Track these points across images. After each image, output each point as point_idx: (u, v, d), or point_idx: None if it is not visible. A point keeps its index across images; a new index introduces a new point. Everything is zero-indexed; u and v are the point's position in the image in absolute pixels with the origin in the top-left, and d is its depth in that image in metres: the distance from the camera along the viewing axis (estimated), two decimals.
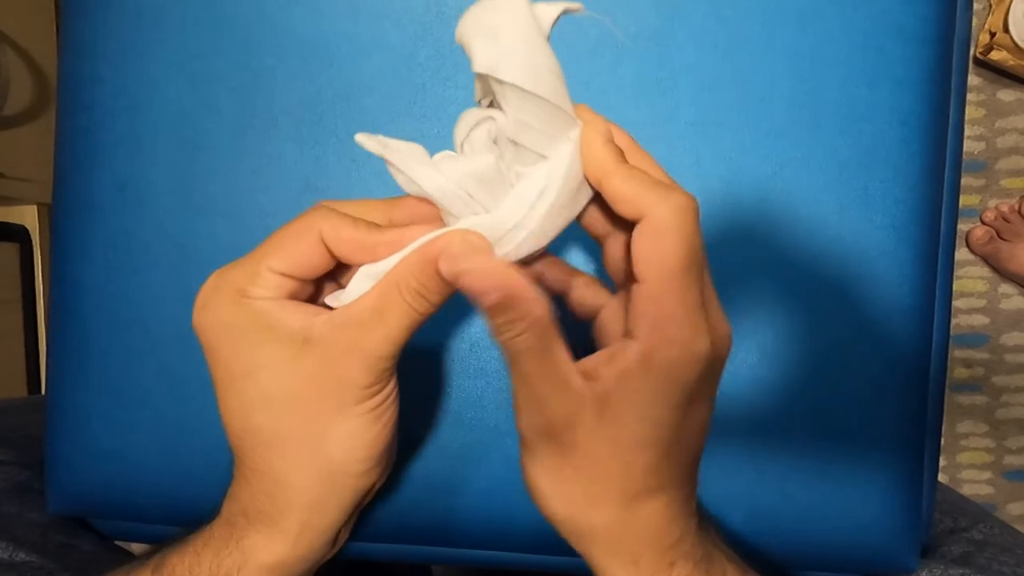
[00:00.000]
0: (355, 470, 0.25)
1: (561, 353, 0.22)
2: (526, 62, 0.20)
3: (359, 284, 0.24)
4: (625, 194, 0.22)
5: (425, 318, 0.24)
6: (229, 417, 0.25)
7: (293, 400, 0.24)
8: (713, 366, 0.22)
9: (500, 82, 0.20)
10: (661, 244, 0.21)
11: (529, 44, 0.20)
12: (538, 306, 0.21)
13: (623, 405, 0.22)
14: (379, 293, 0.23)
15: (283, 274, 0.24)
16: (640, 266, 0.21)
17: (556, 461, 0.23)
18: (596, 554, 0.25)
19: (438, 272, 0.22)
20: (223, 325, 0.24)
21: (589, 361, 0.23)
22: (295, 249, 0.24)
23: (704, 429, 0.24)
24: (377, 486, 0.28)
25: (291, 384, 0.24)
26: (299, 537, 0.25)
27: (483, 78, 0.21)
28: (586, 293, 0.27)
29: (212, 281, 0.24)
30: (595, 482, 0.23)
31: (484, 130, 0.22)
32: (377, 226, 0.24)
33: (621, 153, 0.23)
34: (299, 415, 0.24)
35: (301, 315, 0.24)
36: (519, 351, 0.22)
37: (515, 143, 0.22)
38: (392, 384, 0.25)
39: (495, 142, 0.23)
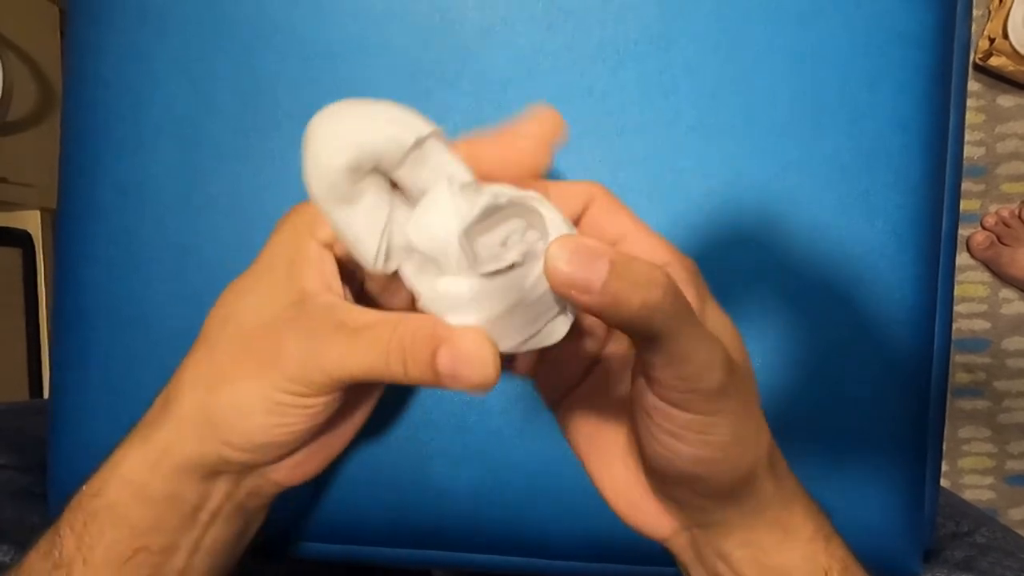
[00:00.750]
0: (226, 438, 0.23)
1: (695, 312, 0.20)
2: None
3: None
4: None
5: (389, 380, 0.21)
6: (214, 310, 0.24)
7: (246, 338, 0.23)
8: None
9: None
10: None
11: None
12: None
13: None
14: (383, 328, 0.21)
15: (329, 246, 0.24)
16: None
17: (736, 400, 0.21)
18: (769, 488, 0.23)
19: (432, 362, 0.20)
20: (280, 244, 0.24)
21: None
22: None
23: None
24: (274, 480, 0.26)
25: (249, 320, 0.23)
26: (162, 457, 0.23)
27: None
28: (553, 374, 0.26)
29: (301, 207, 0.24)
30: (747, 417, 0.22)
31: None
32: None
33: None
34: (237, 353, 0.23)
35: (320, 280, 0.23)
36: (669, 315, 0.19)
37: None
38: (320, 403, 0.23)
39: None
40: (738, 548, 0.24)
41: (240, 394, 0.22)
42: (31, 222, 0.88)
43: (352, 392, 0.25)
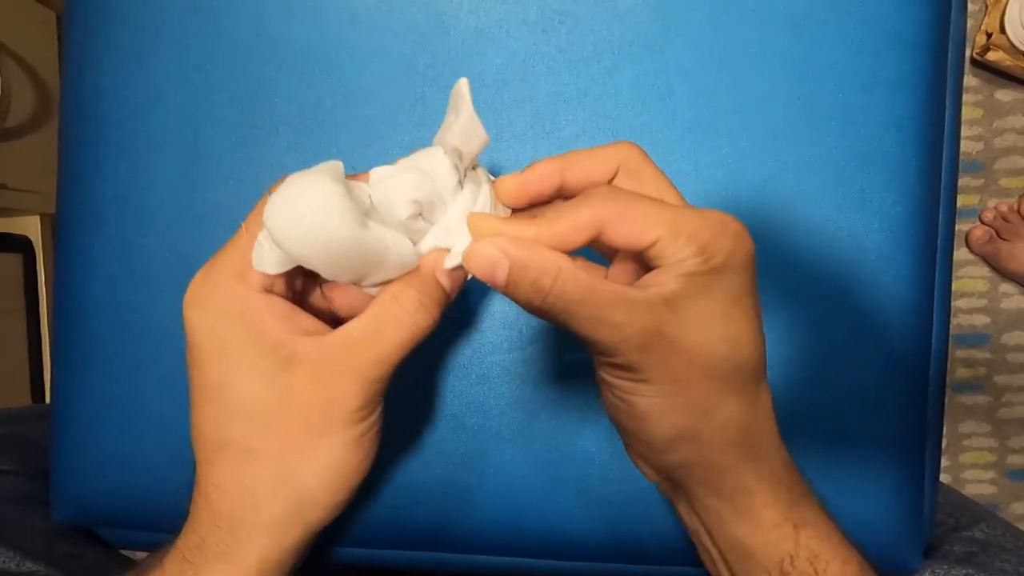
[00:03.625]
0: (326, 501, 0.24)
1: (608, 284, 0.22)
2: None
3: (260, 242, 0.23)
4: (582, 232, 0.22)
5: (425, 333, 0.23)
6: (202, 424, 0.23)
7: (273, 418, 0.22)
8: (750, 238, 0.23)
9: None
10: (638, 216, 0.21)
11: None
12: (555, 259, 0.21)
13: (697, 297, 0.22)
14: (376, 308, 0.23)
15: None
16: (645, 239, 0.22)
17: (662, 373, 0.22)
18: (723, 465, 0.24)
19: (438, 283, 0.22)
20: (212, 317, 0.22)
21: (645, 278, 0.23)
22: None
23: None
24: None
25: (273, 401, 0.22)
26: (257, 574, 0.23)
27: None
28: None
29: (202, 273, 0.23)
30: (708, 377, 0.22)
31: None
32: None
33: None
34: (278, 435, 0.22)
35: (291, 326, 0.23)
36: (562, 306, 0.21)
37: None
38: (380, 410, 0.24)
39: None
40: (702, 510, 0.25)
41: (323, 460, 0.23)
42: (31, 227, 0.88)
43: None
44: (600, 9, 0.36)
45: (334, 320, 0.25)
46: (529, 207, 0.25)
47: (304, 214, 0.20)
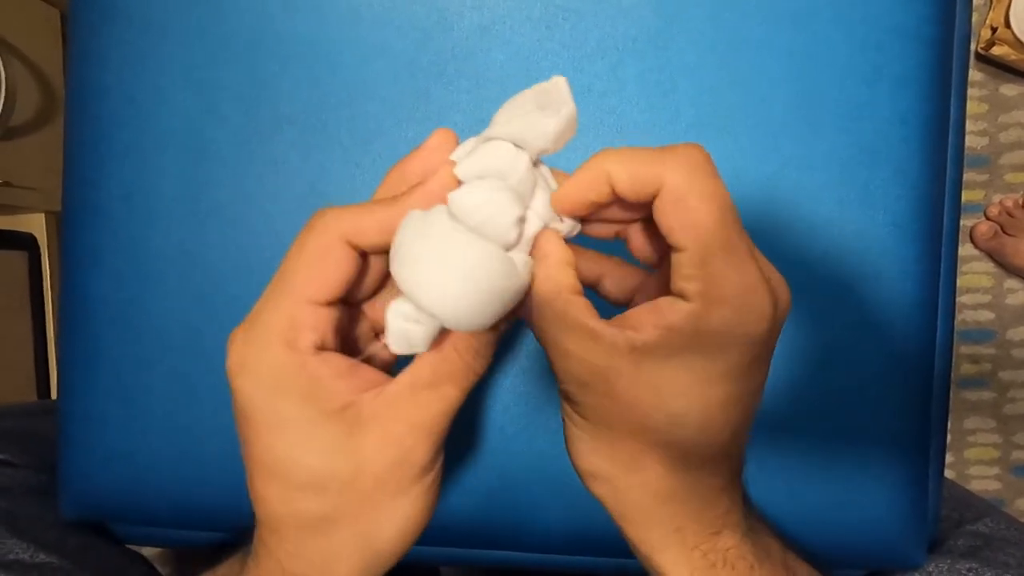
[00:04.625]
0: (401, 550, 0.23)
1: (583, 313, 0.21)
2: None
3: (401, 324, 0.21)
4: (625, 176, 0.20)
5: (478, 379, 0.22)
6: (266, 497, 0.22)
7: (347, 486, 0.21)
8: (774, 325, 0.21)
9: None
10: (687, 209, 0.19)
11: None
12: (557, 268, 0.21)
13: (668, 357, 0.20)
14: (436, 360, 0.22)
15: (326, 303, 0.21)
16: (675, 237, 0.20)
17: (595, 414, 0.22)
18: (635, 520, 0.23)
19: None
20: (267, 389, 0.21)
21: (631, 313, 0.21)
22: (328, 266, 0.21)
23: (760, 392, 0.22)
24: None
25: (344, 468, 0.21)
26: None
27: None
28: (618, 274, 0.25)
29: (244, 334, 0.21)
30: (637, 437, 0.21)
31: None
32: (390, 198, 0.22)
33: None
34: (354, 502, 0.22)
35: (352, 385, 0.21)
36: (535, 310, 0.21)
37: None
38: (443, 455, 0.23)
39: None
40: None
41: (398, 517, 0.22)
42: (35, 225, 0.88)
43: None
44: (604, 5, 0.36)
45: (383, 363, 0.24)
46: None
47: (472, 281, 0.18)
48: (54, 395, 0.91)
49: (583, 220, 0.24)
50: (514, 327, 0.37)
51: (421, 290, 0.19)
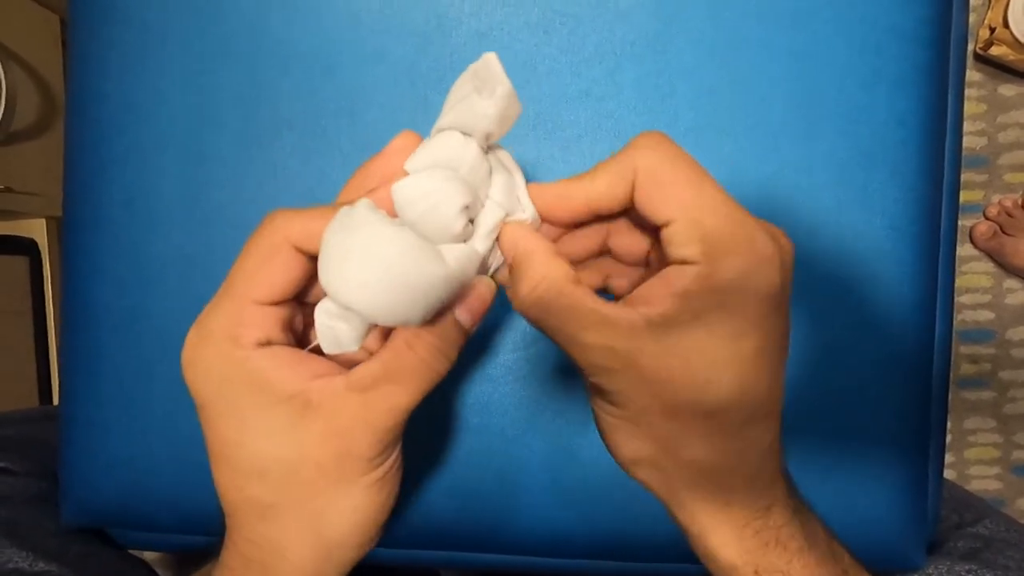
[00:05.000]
0: (355, 542, 0.23)
1: (589, 301, 0.20)
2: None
3: (327, 322, 0.21)
4: (601, 189, 0.21)
5: (442, 377, 0.22)
6: (222, 486, 0.23)
7: (290, 472, 0.22)
8: (783, 269, 0.20)
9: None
10: (665, 183, 0.20)
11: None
12: (542, 267, 0.21)
13: (688, 324, 0.20)
14: (389, 356, 0.21)
15: (271, 303, 0.21)
16: (662, 212, 0.20)
17: (628, 400, 0.21)
18: (683, 501, 0.23)
19: (457, 323, 0.21)
20: (215, 382, 0.21)
21: (638, 291, 0.21)
22: (273, 268, 0.21)
23: (786, 342, 0.22)
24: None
25: (288, 455, 0.21)
26: None
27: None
28: (619, 270, 0.25)
29: (194, 333, 0.22)
30: (675, 413, 0.21)
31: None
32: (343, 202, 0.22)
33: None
34: (297, 488, 0.22)
35: (298, 374, 0.21)
36: (534, 317, 0.21)
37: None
38: (398, 450, 0.23)
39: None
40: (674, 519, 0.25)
41: (346, 507, 0.22)
42: (36, 230, 0.88)
43: None
44: (601, 10, 0.36)
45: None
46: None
47: (389, 272, 0.18)
48: (55, 400, 0.91)
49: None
50: (505, 327, 0.37)
51: (339, 286, 0.18)
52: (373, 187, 0.22)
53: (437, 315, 0.21)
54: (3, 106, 0.72)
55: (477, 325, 0.23)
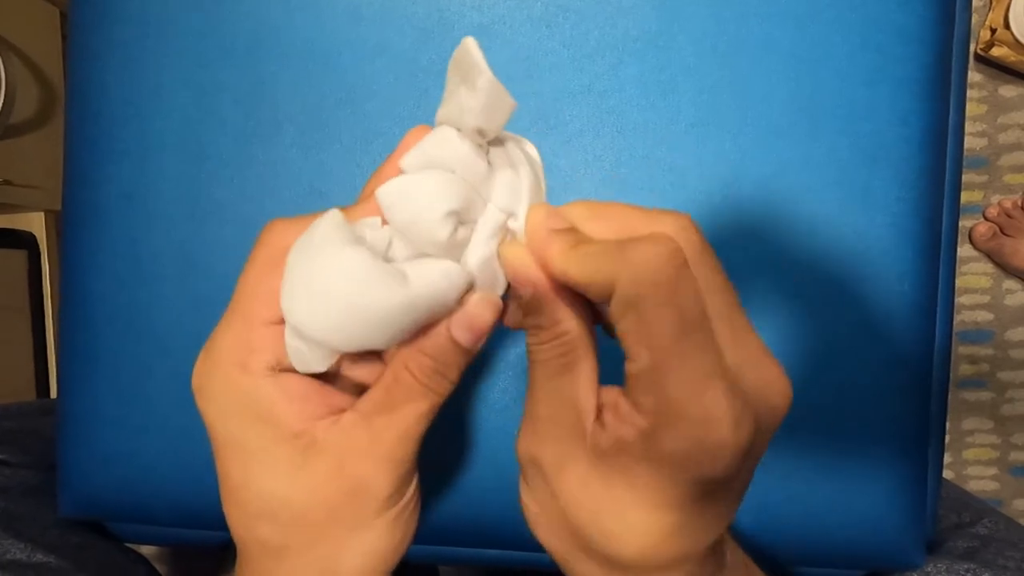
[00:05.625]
0: None
1: (582, 382, 0.19)
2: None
3: (292, 343, 0.20)
4: (577, 277, 0.18)
5: (446, 397, 0.21)
6: (231, 523, 0.22)
7: (299, 516, 0.21)
8: (740, 455, 0.17)
9: None
10: (636, 318, 0.17)
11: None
12: (569, 321, 0.19)
13: (618, 471, 0.18)
14: (390, 381, 0.20)
15: (279, 321, 0.20)
16: (628, 345, 0.17)
17: (545, 494, 0.20)
18: None
19: (452, 339, 0.20)
20: (223, 414, 0.20)
21: (606, 397, 0.19)
22: (274, 283, 0.19)
23: (728, 512, 0.20)
24: None
25: (297, 497, 0.20)
26: None
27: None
28: None
29: (203, 357, 0.21)
30: (582, 533, 0.20)
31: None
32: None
33: (566, 235, 0.19)
34: (307, 531, 0.21)
35: (306, 410, 0.20)
36: (536, 360, 0.20)
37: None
38: (414, 485, 0.22)
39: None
40: None
41: (360, 551, 0.21)
42: (35, 224, 0.88)
43: None
44: (604, 5, 0.36)
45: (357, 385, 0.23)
46: None
47: (336, 299, 0.17)
48: (53, 394, 0.91)
49: None
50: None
51: (293, 312, 0.18)
52: (368, 193, 0.20)
53: (418, 335, 0.20)
54: (3, 99, 0.72)
55: (482, 342, 0.21)
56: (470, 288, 0.20)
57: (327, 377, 0.21)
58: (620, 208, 0.20)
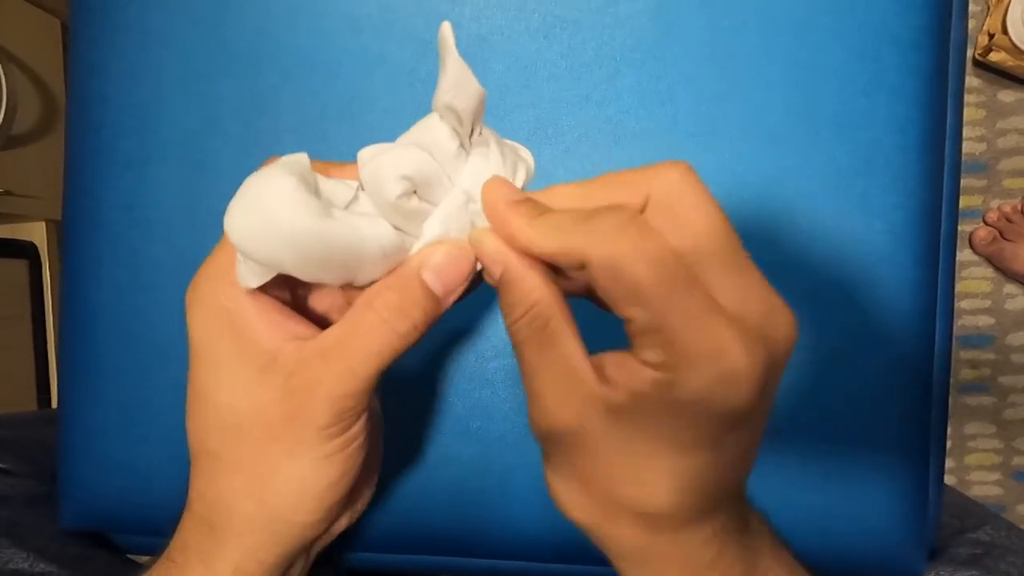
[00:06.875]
0: (301, 520, 0.22)
1: (569, 347, 0.19)
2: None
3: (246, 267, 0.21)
4: (544, 248, 0.19)
5: (406, 345, 0.21)
6: (189, 436, 0.23)
7: (243, 430, 0.21)
8: (757, 384, 0.18)
9: None
10: (620, 282, 0.17)
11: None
12: (537, 291, 0.19)
13: (640, 421, 0.18)
14: (350, 314, 0.21)
15: None
16: (619, 309, 0.18)
17: (569, 467, 0.21)
18: (621, 567, 0.22)
19: (422, 283, 0.20)
20: (204, 324, 0.21)
21: (607, 359, 0.19)
22: None
23: (752, 450, 0.20)
24: (337, 531, 0.26)
25: (248, 411, 0.21)
26: None
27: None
28: None
29: (198, 273, 0.22)
30: (610, 495, 0.20)
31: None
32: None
33: (525, 206, 0.20)
34: (248, 447, 0.21)
35: (278, 331, 0.21)
36: (518, 340, 0.20)
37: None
38: (359, 426, 0.22)
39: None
40: None
41: (292, 477, 0.21)
42: (36, 234, 0.89)
43: None
44: (601, 15, 0.36)
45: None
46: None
47: (257, 214, 0.19)
48: (54, 404, 0.91)
49: None
50: (502, 329, 0.37)
51: (227, 224, 0.19)
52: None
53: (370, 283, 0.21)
54: (4, 110, 0.73)
55: (455, 295, 0.21)
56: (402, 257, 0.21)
57: (308, 311, 0.23)
58: (609, 178, 0.20)
